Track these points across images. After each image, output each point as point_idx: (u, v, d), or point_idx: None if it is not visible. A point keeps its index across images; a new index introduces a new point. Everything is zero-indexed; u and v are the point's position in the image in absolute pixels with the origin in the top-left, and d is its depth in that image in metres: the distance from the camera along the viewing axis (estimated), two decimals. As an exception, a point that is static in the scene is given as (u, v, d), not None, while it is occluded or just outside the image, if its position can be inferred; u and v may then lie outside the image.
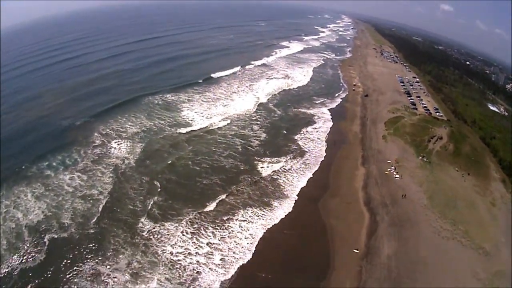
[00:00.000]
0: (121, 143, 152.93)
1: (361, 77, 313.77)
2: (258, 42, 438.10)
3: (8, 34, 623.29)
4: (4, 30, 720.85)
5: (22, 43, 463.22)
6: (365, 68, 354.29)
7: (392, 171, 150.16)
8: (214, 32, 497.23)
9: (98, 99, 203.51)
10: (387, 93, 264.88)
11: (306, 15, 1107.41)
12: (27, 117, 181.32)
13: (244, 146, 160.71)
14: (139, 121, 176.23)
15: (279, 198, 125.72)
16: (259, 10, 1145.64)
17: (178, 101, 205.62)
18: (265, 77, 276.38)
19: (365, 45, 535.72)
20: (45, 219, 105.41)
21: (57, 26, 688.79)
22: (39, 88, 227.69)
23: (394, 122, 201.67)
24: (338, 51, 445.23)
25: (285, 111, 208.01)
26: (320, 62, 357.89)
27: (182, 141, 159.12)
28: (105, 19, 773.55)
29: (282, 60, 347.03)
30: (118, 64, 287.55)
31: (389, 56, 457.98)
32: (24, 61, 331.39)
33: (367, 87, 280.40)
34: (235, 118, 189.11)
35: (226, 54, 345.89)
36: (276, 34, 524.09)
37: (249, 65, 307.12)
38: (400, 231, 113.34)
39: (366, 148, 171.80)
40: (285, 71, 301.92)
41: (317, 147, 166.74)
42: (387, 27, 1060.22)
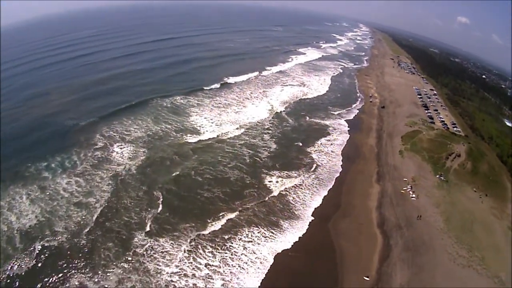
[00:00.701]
0: (124, 147, 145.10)
1: (378, 87, 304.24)
2: (275, 48, 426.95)
3: (21, 29, 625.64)
4: (17, 24, 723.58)
5: (34, 38, 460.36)
6: (382, 78, 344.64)
7: (409, 190, 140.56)
8: (231, 35, 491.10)
9: (106, 100, 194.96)
10: (404, 105, 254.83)
11: (323, 22, 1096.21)
12: (31, 114, 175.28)
13: (252, 157, 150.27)
14: (145, 124, 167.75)
15: (289, 219, 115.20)
16: (277, 16, 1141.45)
17: (187, 105, 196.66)
18: (280, 83, 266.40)
19: (382, 55, 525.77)
20: (37, 225, 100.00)
21: (72, 22, 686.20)
22: (47, 85, 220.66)
23: (411, 136, 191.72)
24: (355, 59, 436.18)
25: (298, 120, 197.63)
26: (337, 70, 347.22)
27: (187, 149, 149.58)
28: (122, 17, 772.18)
29: (298, 67, 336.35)
30: (130, 64, 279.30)
31: (407, 67, 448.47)
32: (33, 56, 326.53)
33: (383, 98, 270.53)
34: (246, 126, 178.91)
35: (241, 59, 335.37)
36: (293, 40, 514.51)
37: (264, 70, 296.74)
38: (414, 257, 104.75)
39: (381, 163, 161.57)
40: (301, 78, 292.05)
41: (331, 161, 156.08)
42: (404, 37, 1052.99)
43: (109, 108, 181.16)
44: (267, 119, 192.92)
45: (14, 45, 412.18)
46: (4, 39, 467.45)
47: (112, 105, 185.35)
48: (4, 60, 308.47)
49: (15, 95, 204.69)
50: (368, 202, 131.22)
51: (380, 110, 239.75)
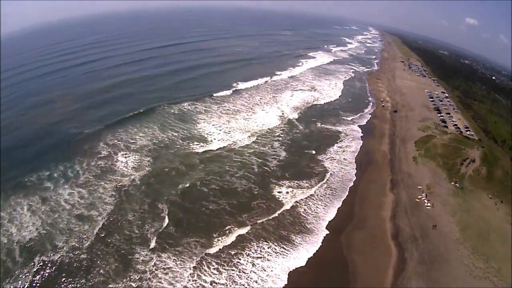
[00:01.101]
0: (128, 156, 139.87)
1: (389, 91, 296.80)
2: (284, 52, 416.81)
3: (26, 35, 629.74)
4: (21, 31, 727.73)
5: (40, 44, 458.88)
6: (393, 82, 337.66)
7: (423, 198, 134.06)
8: (239, 40, 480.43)
9: (111, 108, 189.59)
10: (416, 109, 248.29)
11: (332, 25, 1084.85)
12: (34, 122, 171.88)
13: (262, 166, 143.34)
14: (150, 132, 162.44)
15: (301, 233, 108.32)
16: (284, 19, 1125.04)
17: (195, 112, 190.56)
18: (290, 88, 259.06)
19: (392, 58, 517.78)
20: (38, 238, 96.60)
21: (80, 27, 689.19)
22: (51, 93, 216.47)
23: (424, 141, 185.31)
24: (366, 63, 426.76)
25: (310, 127, 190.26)
26: (347, 74, 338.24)
27: (194, 158, 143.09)
28: (129, 23, 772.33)
29: (309, 71, 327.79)
30: (136, 70, 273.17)
31: (417, 70, 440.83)
32: (39, 63, 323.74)
33: (395, 102, 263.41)
34: (255, 134, 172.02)
35: (250, 64, 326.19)
36: (303, 44, 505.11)
37: (274, 75, 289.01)
38: (430, 270, 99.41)
39: (395, 170, 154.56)
40: (311, 82, 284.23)
41: (344, 170, 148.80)
42: (413, 39, 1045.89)
43: (114, 117, 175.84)
44: (277, 125, 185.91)
45: (19, 52, 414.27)
46: (9, 45, 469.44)
47: (117, 113, 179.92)
48: (9, 67, 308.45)
49: (19, 102, 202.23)
50: (382, 212, 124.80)
51: (392, 114, 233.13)
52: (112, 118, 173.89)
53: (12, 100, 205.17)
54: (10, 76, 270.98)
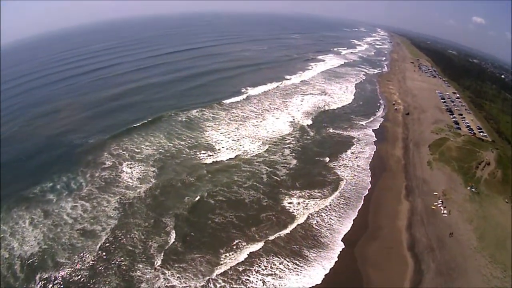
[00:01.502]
0: (133, 167, 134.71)
1: (400, 93, 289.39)
2: (294, 56, 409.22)
3: (34, 43, 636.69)
4: (32, 38, 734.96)
5: (48, 52, 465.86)
6: (404, 83, 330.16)
7: (440, 205, 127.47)
8: (248, 45, 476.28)
9: (118, 117, 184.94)
10: (428, 111, 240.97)
11: (341, 28, 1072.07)
12: (39, 132, 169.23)
13: (271, 175, 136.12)
14: (157, 140, 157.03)
15: (314, 248, 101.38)
16: (293, 23, 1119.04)
17: (203, 119, 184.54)
18: (300, 93, 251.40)
19: (402, 59, 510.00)
20: (39, 253, 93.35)
21: (89, 34, 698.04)
22: (58, 102, 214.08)
23: (438, 144, 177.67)
24: (376, 65, 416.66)
25: (321, 132, 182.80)
26: (358, 77, 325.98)
27: (201, 168, 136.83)
28: (138, 29, 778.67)
29: (319, 74, 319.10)
30: (144, 77, 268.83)
31: (427, 70, 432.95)
32: (46, 71, 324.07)
33: (407, 104, 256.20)
34: (265, 141, 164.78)
35: (260, 69, 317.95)
36: (312, 47, 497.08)
37: (284, 80, 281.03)
38: (447, 283, 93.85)
39: (410, 176, 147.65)
40: (321, 86, 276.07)
41: (358, 177, 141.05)
42: (421, 39, 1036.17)
43: (119, 126, 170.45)
44: (288, 132, 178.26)
45: (28, 59, 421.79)
46: (18, 53, 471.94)
47: (123, 123, 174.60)
48: (17, 75, 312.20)
49: (23, 112, 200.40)
50: (397, 221, 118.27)
51: (404, 117, 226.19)
52: (117, 128, 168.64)
53: (17, 110, 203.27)
54: (18, 85, 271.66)
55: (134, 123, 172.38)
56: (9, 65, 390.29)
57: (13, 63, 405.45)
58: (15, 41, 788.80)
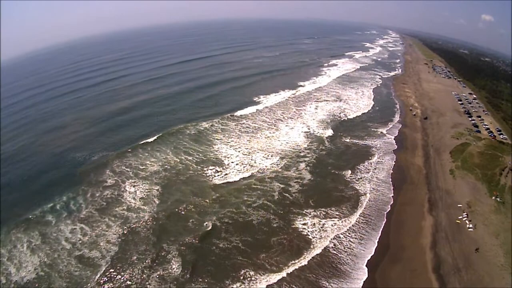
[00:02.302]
0: (137, 186, 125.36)
1: (417, 96, 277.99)
2: (307, 61, 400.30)
3: (46, 54, 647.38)
4: (43, 49, 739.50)
5: (58, 64, 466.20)
6: (419, 86, 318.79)
7: (465, 218, 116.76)
8: (261, 51, 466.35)
9: (123, 133, 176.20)
10: (446, 114, 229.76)
11: (352, 31, 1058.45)
12: (41, 149, 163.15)
13: (283, 193, 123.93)
14: (163, 156, 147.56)
15: (334, 277, 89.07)
16: (304, 28, 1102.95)
17: (212, 132, 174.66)
18: (314, 99, 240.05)
19: (415, 60, 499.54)
20: (36, 280, 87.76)
21: (98, 45, 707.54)
22: (64, 117, 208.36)
23: (460, 150, 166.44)
24: (390, 67, 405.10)
25: (336, 142, 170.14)
26: (373, 81, 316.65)
27: (207, 187, 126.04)
28: (150, 39, 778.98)
29: (332, 80, 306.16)
30: (155, 89, 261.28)
31: (442, 71, 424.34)
32: (56, 83, 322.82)
33: (424, 107, 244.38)
34: (278, 154, 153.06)
35: (272, 76, 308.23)
36: (325, 52, 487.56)
37: (297, 87, 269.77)
38: None
39: (432, 188, 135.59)
40: (336, 92, 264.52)
41: (377, 191, 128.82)
42: (433, 40, 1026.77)
43: (125, 144, 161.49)
44: (302, 143, 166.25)
45: (37, 72, 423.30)
46: (28, 65, 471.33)
47: (128, 140, 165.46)
48: (25, 88, 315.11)
49: (29, 128, 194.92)
50: (421, 240, 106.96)
51: (422, 121, 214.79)
52: (122, 145, 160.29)
53: (21, 127, 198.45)
54: (28, 97, 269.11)
55: (139, 140, 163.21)
56: (21, 77, 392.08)
57: (24, 75, 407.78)
58: (31, 51, 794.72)
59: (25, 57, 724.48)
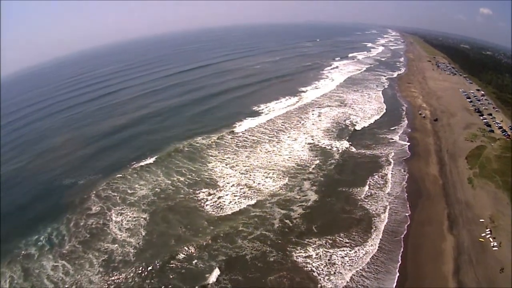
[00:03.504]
0: (124, 214, 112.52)
1: (424, 95, 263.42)
2: (308, 64, 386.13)
3: (44, 69, 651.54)
4: (41, 65, 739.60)
5: (58, 78, 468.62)
6: (425, 84, 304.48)
7: (488, 235, 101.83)
8: (262, 57, 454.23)
9: (115, 154, 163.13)
10: (457, 114, 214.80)
11: (353, 32, 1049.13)
12: (29, 175, 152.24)
13: (285, 220, 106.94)
14: (153, 178, 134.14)
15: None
16: (304, 31, 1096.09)
17: (208, 147, 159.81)
18: (317, 106, 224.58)
19: (418, 58, 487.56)
20: None
21: (96, 59, 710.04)
22: (55, 137, 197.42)
23: (476, 155, 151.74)
24: (393, 67, 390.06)
25: (343, 153, 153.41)
26: (377, 82, 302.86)
27: (198, 215, 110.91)
28: (149, 49, 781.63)
29: (335, 84, 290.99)
30: (151, 103, 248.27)
31: (446, 68, 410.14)
32: (52, 99, 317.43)
33: (433, 108, 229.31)
34: (280, 172, 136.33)
35: (272, 83, 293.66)
36: (327, 55, 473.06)
37: (298, 93, 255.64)
38: None
39: (450, 201, 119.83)
40: (340, 96, 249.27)
41: (390, 210, 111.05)
42: (433, 36, 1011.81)
43: (115, 165, 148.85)
44: (306, 157, 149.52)
45: (37, 87, 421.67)
46: (25, 81, 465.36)
47: (119, 162, 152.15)
48: (23, 105, 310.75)
49: (24, 149, 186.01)
50: (442, 266, 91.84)
51: (433, 123, 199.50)
52: (112, 167, 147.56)
53: (16, 148, 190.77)
54: (20, 118, 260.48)
55: (130, 161, 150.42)
56: (18, 94, 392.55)
57: (22, 91, 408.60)
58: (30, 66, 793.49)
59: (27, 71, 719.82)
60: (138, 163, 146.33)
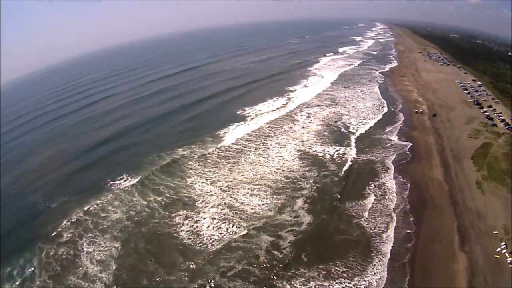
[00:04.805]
0: (96, 242, 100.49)
1: (419, 89, 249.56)
2: (297, 62, 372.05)
3: (28, 81, 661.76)
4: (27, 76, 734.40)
5: (43, 88, 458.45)
6: (419, 77, 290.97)
7: (504, 250, 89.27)
8: (248, 56, 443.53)
9: (91, 172, 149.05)
10: (456, 108, 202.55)
11: (340, 26, 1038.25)
12: (10, 198, 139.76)
13: (272, 251, 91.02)
14: (128, 198, 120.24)
15: None
16: (292, 27, 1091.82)
17: (188, 159, 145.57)
18: (306, 106, 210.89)
19: (409, 50, 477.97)
20: None
21: (82, 66, 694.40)
22: (33, 155, 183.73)
23: (482, 154, 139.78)
24: (384, 60, 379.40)
25: (337, 160, 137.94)
26: (369, 77, 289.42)
27: (171, 245, 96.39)
28: (136, 53, 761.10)
29: (324, 81, 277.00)
30: (134, 113, 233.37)
31: (438, 59, 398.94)
32: (38, 111, 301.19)
33: (430, 102, 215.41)
34: (268, 187, 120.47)
35: (259, 85, 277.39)
36: (316, 50, 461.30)
37: (286, 93, 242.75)
38: None
39: (459, 210, 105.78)
40: (330, 94, 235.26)
41: (391, 227, 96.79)
42: (422, 27, 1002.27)
43: (90, 185, 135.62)
44: (297, 168, 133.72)
45: (25, 98, 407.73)
46: (12, 93, 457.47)
47: (95, 180, 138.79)
48: (6, 120, 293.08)
49: (3, 170, 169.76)
50: (455, 291, 77.94)
51: (432, 119, 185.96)
52: (86, 187, 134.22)
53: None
54: (3, 133, 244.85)
55: (106, 179, 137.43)
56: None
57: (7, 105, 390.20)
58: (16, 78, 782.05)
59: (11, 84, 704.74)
60: (113, 182, 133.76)
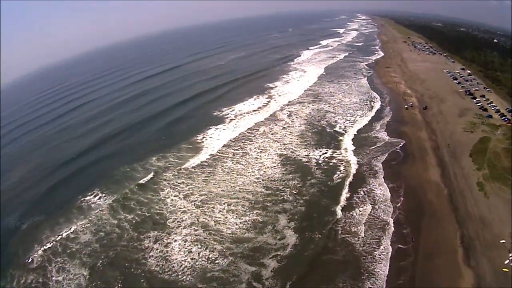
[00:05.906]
0: (64, 269, 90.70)
1: (406, 80, 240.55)
2: (279, 57, 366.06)
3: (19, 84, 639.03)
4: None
5: (25, 96, 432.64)
6: (405, 67, 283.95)
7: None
8: (232, 53, 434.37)
9: (63, 188, 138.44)
10: (447, 99, 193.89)
11: (322, 19, 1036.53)
12: None
13: (253, 282, 78.59)
14: (98, 216, 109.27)
15: None
16: (274, 22, 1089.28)
17: (162, 169, 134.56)
18: (288, 104, 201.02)
19: (393, 40, 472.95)
20: None
21: (63, 70, 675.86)
22: (15, 169, 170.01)
23: (482, 150, 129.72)
24: (369, 52, 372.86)
25: (324, 167, 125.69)
26: (353, 69, 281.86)
27: (141, 273, 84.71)
28: (116, 55, 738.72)
29: (308, 76, 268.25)
30: (114, 118, 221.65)
31: (424, 48, 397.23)
32: (14, 123, 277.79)
33: (420, 94, 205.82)
34: (247, 201, 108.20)
35: (244, 82, 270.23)
36: (298, 44, 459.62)
37: (266, 91, 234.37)
38: None
39: (461, 217, 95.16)
40: (313, 91, 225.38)
41: (385, 243, 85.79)
42: (405, 17, 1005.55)
43: (60, 202, 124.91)
44: (280, 175, 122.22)
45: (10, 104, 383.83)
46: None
47: (66, 197, 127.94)
48: None
49: None
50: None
51: (422, 113, 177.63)
52: (57, 205, 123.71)
53: None
54: None
55: (77, 196, 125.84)
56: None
57: None
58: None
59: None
60: (84, 199, 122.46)
